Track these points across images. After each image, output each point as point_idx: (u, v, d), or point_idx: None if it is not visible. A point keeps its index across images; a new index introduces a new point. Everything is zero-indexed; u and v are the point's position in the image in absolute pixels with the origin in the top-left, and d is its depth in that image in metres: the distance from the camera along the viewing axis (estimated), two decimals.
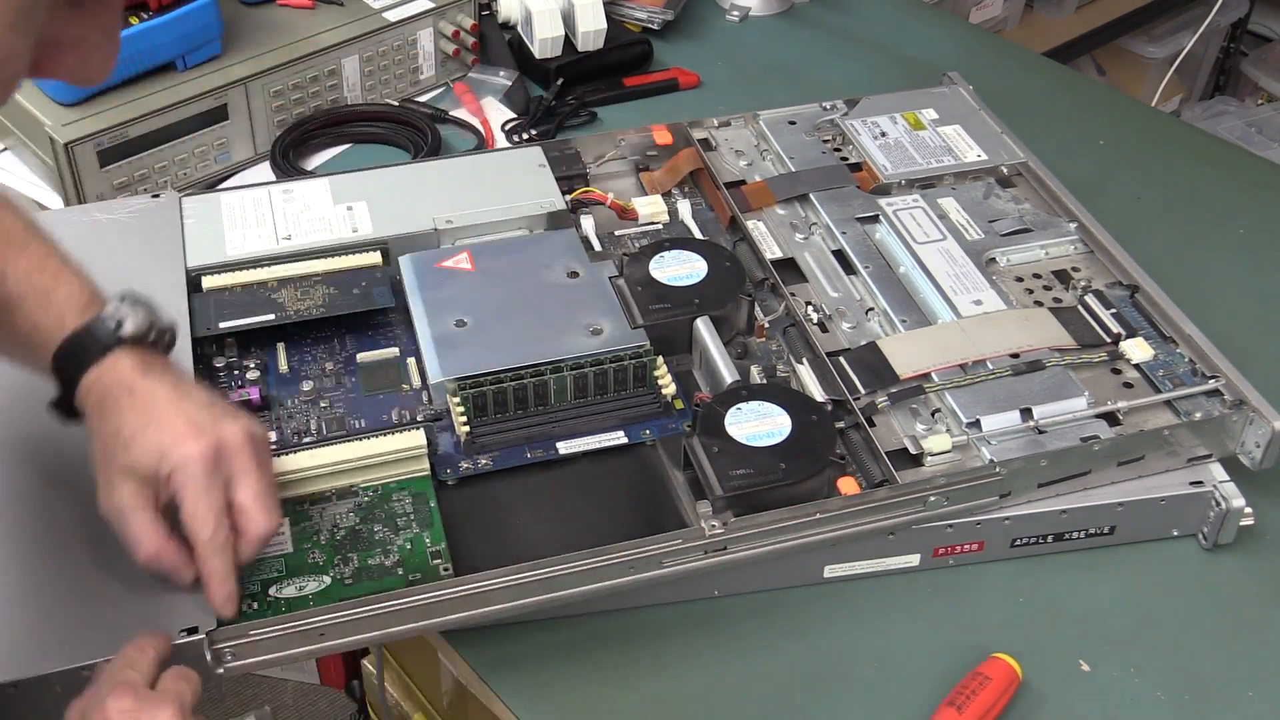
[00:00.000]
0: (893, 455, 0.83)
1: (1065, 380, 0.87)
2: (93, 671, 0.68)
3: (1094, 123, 1.29)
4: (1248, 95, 2.49)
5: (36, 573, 0.73)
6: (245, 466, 0.71)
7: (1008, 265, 0.99)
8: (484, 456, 0.84)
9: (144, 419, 0.70)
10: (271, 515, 0.71)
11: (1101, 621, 0.83)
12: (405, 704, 1.14)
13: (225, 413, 0.72)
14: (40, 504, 0.77)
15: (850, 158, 1.08)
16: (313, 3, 1.21)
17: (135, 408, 0.70)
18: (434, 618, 0.73)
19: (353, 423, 0.86)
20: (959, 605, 0.83)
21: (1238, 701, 0.79)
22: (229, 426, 0.71)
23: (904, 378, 0.87)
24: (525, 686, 0.78)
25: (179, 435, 0.69)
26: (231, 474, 0.71)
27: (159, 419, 0.70)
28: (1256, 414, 0.84)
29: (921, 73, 1.29)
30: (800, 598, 0.83)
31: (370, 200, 1.00)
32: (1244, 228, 1.16)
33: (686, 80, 1.32)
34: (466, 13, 1.26)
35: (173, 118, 1.09)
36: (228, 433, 0.71)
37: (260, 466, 0.72)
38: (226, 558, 0.70)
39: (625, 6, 1.38)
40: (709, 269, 0.94)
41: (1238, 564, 0.86)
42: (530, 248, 0.97)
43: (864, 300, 0.95)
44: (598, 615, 0.81)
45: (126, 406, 0.70)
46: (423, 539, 0.79)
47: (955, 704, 0.75)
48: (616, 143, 1.10)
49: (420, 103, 1.25)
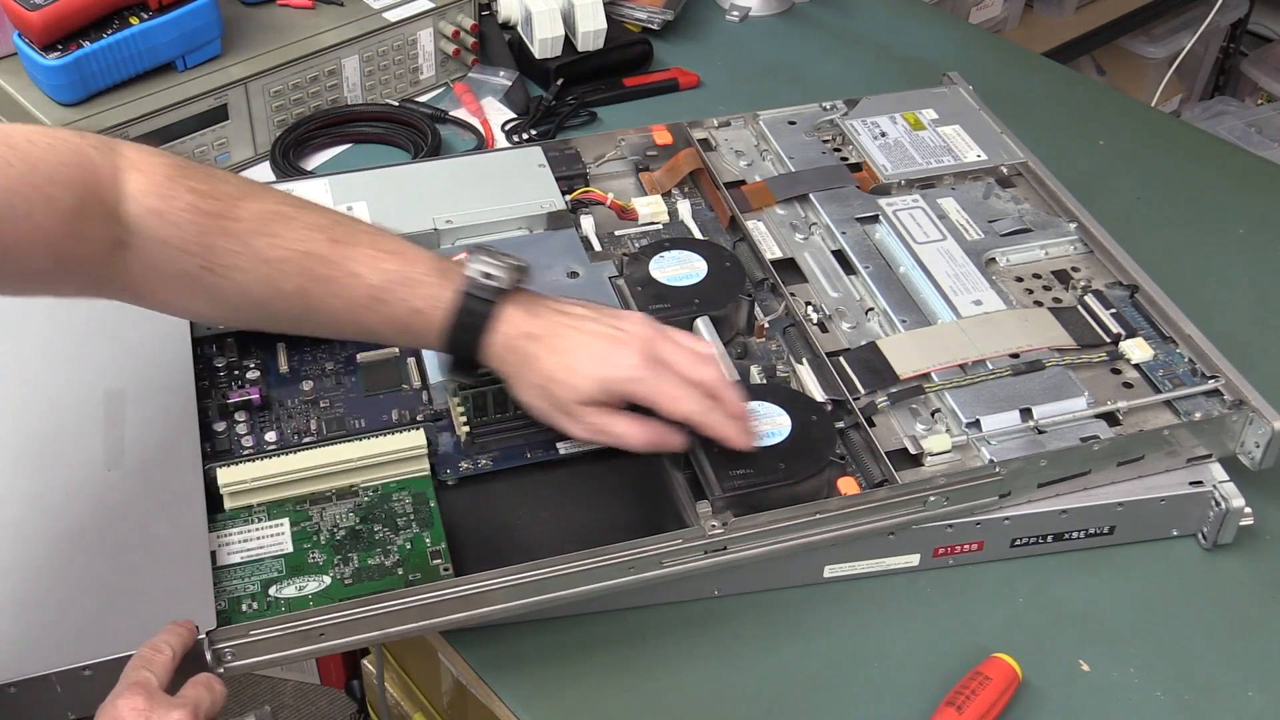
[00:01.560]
0: (893, 455, 0.83)
1: (1065, 380, 0.87)
2: (94, 670, 0.68)
3: (1094, 123, 1.29)
4: (1248, 95, 2.49)
5: (36, 572, 0.73)
6: (669, 348, 0.78)
7: (1008, 265, 0.99)
8: (484, 456, 0.84)
9: (567, 357, 0.76)
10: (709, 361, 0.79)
11: (1101, 621, 0.83)
12: (405, 704, 1.14)
13: (621, 312, 0.81)
14: (40, 503, 0.77)
15: (850, 158, 1.08)
16: (313, 3, 1.21)
17: (552, 348, 0.76)
18: (434, 618, 0.73)
19: (353, 423, 0.86)
20: (959, 605, 0.83)
21: (1238, 701, 0.79)
22: (633, 324, 0.78)
23: (904, 378, 0.87)
24: (525, 686, 0.78)
25: (608, 357, 0.76)
26: (663, 357, 0.77)
27: (580, 351, 0.76)
28: (1256, 414, 0.84)
29: (921, 73, 1.29)
30: (800, 598, 0.83)
31: (370, 200, 1.00)
32: (1244, 228, 1.16)
33: (686, 80, 1.32)
34: (466, 13, 1.26)
35: (173, 118, 1.10)
36: (638, 329, 0.78)
37: (677, 340, 0.79)
38: (718, 411, 0.77)
39: (625, 6, 1.38)
40: (709, 269, 0.94)
41: (1238, 564, 0.86)
42: (530, 248, 0.97)
43: (864, 300, 0.95)
44: (598, 615, 0.81)
45: (543, 352, 0.76)
46: (423, 539, 0.79)
47: (955, 704, 0.75)
48: (616, 143, 1.10)
49: (420, 103, 1.25)
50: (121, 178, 0.71)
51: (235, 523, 0.79)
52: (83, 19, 1.06)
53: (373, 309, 0.76)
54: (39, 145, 0.68)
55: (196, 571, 0.74)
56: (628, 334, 0.78)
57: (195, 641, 0.68)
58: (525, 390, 0.78)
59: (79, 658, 0.68)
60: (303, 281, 0.75)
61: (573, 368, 0.76)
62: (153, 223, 0.71)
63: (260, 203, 0.75)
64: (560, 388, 0.76)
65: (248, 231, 0.74)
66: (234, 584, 0.76)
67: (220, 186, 0.74)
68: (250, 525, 0.79)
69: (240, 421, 0.85)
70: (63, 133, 0.71)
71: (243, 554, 0.77)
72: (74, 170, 0.69)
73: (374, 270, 0.75)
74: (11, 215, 0.66)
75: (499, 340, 0.77)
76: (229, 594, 0.75)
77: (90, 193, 0.69)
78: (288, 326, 0.85)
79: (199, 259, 0.73)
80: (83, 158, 0.70)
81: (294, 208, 0.76)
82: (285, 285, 0.75)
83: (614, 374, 0.76)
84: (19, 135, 0.68)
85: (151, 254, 0.72)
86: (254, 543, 0.78)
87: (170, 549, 0.75)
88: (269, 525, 0.79)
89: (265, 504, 0.81)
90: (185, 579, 0.73)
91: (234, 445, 0.84)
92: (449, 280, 0.77)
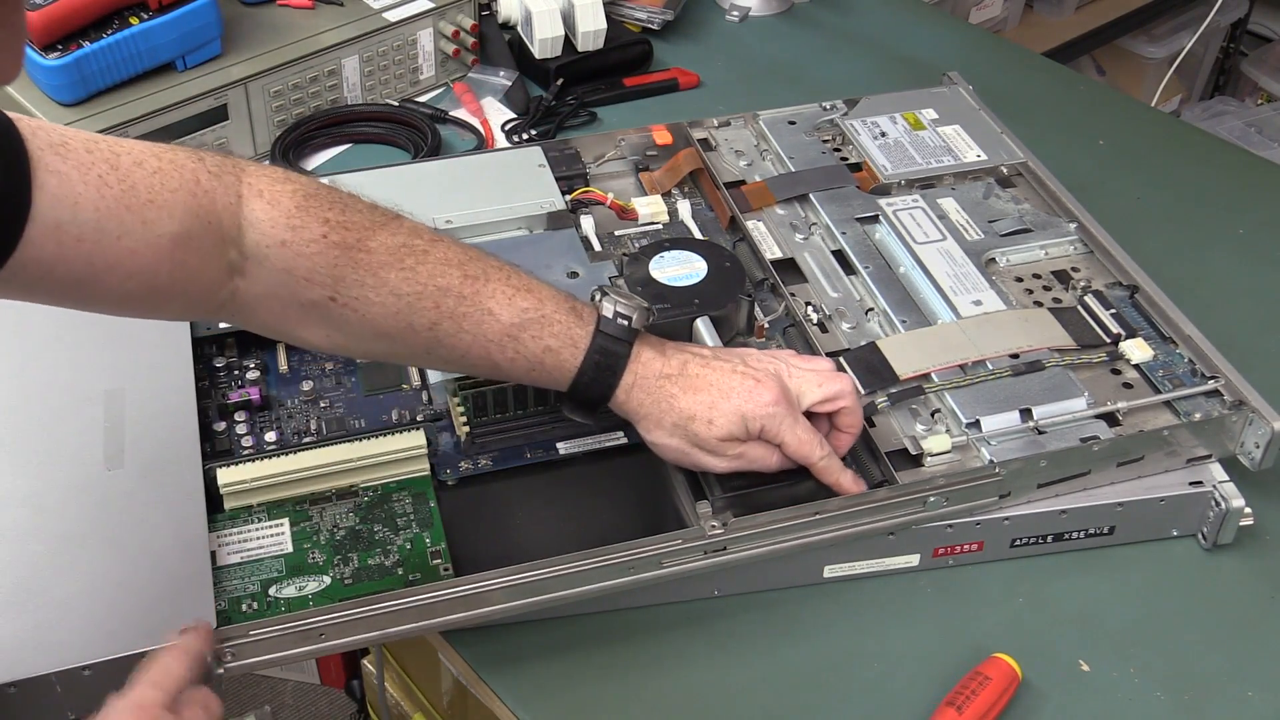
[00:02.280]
0: (893, 455, 0.83)
1: (1065, 380, 0.87)
2: (93, 671, 0.68)
3: (1094, 123, 1.29)
4: (1247, 95, 2.49)
5: (36, 572, 0.73)
6: (796, 376, 0.80)
7: (1007, 265, 0.99)
8: (484, 456, 0.84)
9: (706, 395, 0.78)
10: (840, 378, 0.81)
11: (1101, 621, 0.83)
12: (405, 704, 1.14)
13: (741, 350, 0.82)
14: (40, 503, 0.77)
15: (850, 158, 1.08)
16: (313, 3, 1.21)
17: (690, 388, 0.78)
18: (434, 618, 0.73)
19: (353, 423, 0.86)
20: (959, 605, 0.83)
21: (1238, 701, 0.79)
22: (759, 361, 0.80)
23: (904, 378, 0.87)
24: (525, 686, 0.78)
25: (746, 394, 0.78)
26: (793, 391, 0.80)
27: (719, 389, 0.78)
28: (1256, 414, 0.84)
29: (921, 73, 1.29)
30: (800, 598, 0.83)
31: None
32: (1244, 228, 1.16)
33: (686, 80, 1.32)
34: (466, 13, 1.26)
35: (173, 118, 1.10)
36: (765, 365, 0.80)
37: (802, 367, 0.81)
38: (836, 459, 0.80)
39: (625, 6, 1.38)
40: (709, 269, 0.94)
41: (1237, 564, 0.86)
42: (530, 248, 0.97)
43: (864, 300, 0.95)
44: (598, 615, 0.81)
45: (679, 391, 0.78)
46: (422, 539, 0.79)
47: (955, 704, 0.75)
48: (616, 143, 1.10)
49: (420, 103, 1.25)
50: (245, 206, 0.70)
51: (235, 523, 0.79)
52: (82, 19, 1.06)
53: (505, 346, 0.76)
54: (146, 168, 0.66)
55: (197, 572, 0.74)
56: (761, 370, 0.79)
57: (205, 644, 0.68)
58: (661, 430, 0.79)
59: (79, 658, 0.68)
60: (435, 316, 0.74)
61: (715, 405, 0.77)
62: (278, 252, 0.70)
63: (392, 235, 0.74)
64: (701, 425, 0.77)
65: (380, 264, 0.73)
66: (234, 584, 0.76)
67: (354, 217, 0.73)
68: (250, 525, 0.79)
69: (240, 421, 0.85)
70: (181, 155, 0.69)
71: (243, 554, 0.78)
72: (183, 195, 0.67)
73: (508, 307, 0.75)
74: (101, 236, 0.64)
75: (632, 381, 0.78)
76: (229, 594, 0.75)
77: (199, 220, 0.68)
78: (409, 360, 0.85)
79: (327, 290, 0.72)
80: (196, 185, 0.68)
81: (426, 241, 0.75)
82: (416, 320, 0.74)
83: (755, 411, 0.77)
84: (129, 155, 0.66)
85: (272, 282, 0.71)
86: (254, 543, 0.78)
87: (170, 549, 0.75)
88: (269, 525, 0.79)
89: (265, 504, 0.81)
90: (185, 579, 0.73)
91: (234, 445, 0.84)
92: (584, 320, 0.77)
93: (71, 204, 0.63)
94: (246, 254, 0.70)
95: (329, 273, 0.71)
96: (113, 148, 0.66)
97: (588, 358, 0.76)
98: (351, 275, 0.72)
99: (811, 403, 0.80)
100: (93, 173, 0.64)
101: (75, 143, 0.64)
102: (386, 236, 0.73)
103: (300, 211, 0.71)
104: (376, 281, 0.72)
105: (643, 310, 0.78)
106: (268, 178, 0.71)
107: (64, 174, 0.63)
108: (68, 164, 0.63)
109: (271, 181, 0.71)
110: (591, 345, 0.77)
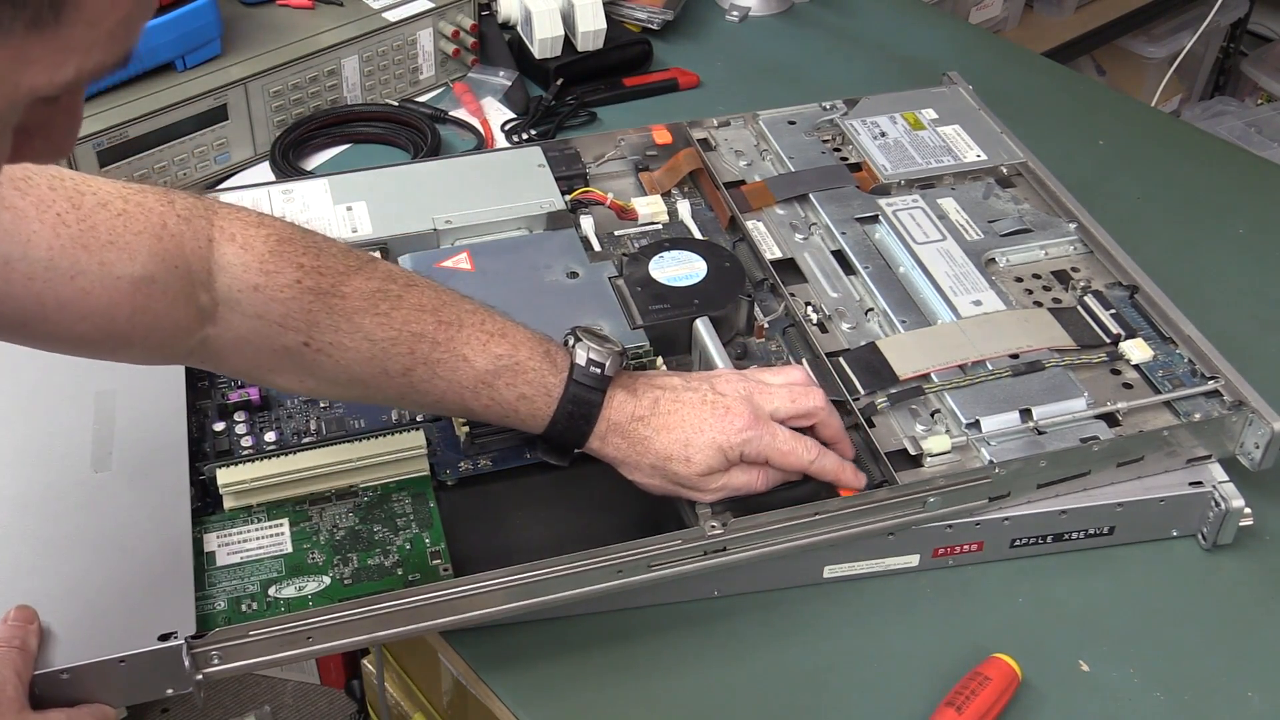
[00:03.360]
0: (892, 456, 0.83)
1: (1065, 381, 0.87)
2: (71, 674, 0.67)
3: (1094, 123, 1.29)
4: (1247, 95, 2.49)
5: (16, 575, 0.73)
6: (768, 397, 0.80)
7: (1007, 266, 0.99)
8: (484, 457, 0.84)
9: (680, 433, 0.77)
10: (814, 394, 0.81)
11: (1101, 621, 0.83)
12: (405, 704, 1.14)
13: (710, 376, 0.81)
14: (24, 505, 0.77)
15: (850, 158, 1.08)
16: (313, 3, 1.21)
17: (663, 427, 0.77)
18: (433, 618, 0.73)
19: (353, 423, 0.86)
20: (959, 605, 0.83)
21: (1238, 701, 0.78)
22: (728, 384, 0.80)
23: (903, 378, 0.87)
24: (525, 686, 0.78)
25: (718, 425, 0.77)
26: (767, 410, 0.79)
27: (689, 425, 0.77)
28: (1256, 415, 0.84)
29: (921, 73, 1.29)
30: (800, 598, 0.83)
31: (370, 200, 1.00)
32: (1244, 228, 1.16)
33: (686, 80, 1.32)
34: (466, 13, 1.26)
35: (172, 118, 1.10)
36: (734, 388, 0.79)
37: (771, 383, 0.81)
38: (830, 455, 0.80)
39: (625, 6, 1.38)
40: (708, 269, 0.94)
41: (1237, 564, 0.86)
42: (530, 248, 0.97)
43: (863, 300, 0.95)
44: (597, 615, 0.81)
45: (652, 433, 0.77)
46: (422, 539, 0.79)
47: (955, 704, 0.75)
48: (616, 143, 1.10)
49: (420, 103, 1.25)
50: (216, 250, 0.69)
51: (235, 523, 0.79)
52: None
53: (480, 393, 0.76)
54: (111, 209, 0.66)
55: (178, 577, 0.73)
56: (729, 397, 0.78)
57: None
58: (640, 472, 0.79)
59: (56, 661, 0.67)
60: (409, 362, 0.74)
61: (688, 442, 0.77)
62: (251, 297, 0.70)
63: (367, 279, 0.73)
64: (679, 464, 0.77)
65: (355, 309, 0.72)
66: (234, 584, 0.76)
67: (328, 261, 0.72)
68: (250, 525, 0.79)
69: (240, 421, 0.85)
70: (150, 198, 0.68)
71: (242, 554, 0.77)
72: (147, 239, 0.66)
73: (482, 354, 0.75)
74: (51, 275, 0.63)
75: (605, 428, 0.77)
76: (228, 594, 0.75)
77: (165, 264, 0.67)
78: (384, 403, 0.85)
79: (301, 335, 0.71)
80: (162, 229, 0.67)
81: (400, 285, 0.75)
82: (391, 365, 0.74)
83: (730, 440, 0.77)
84: (94, 195, 0.66)
85: (245, 328, 0.70)
86: (254, 543, 0.78)
87: (153, 553, 0.74)
88: (269, 525, 0.79)
89: (265, 504, 0.80)
90: (167, 583, 0.72)
91: (234, 445, 0.84)
92: (558, 368, 0.77)
93: (24, 241, 0.62)
94: (218, 299, 0.69)
95: (303, 318, 0.71)
96: (78, 186, 0.66)
97: (560, 406, 0.76)
98: (326, 320, 0.71)
99: (784, 419, 0.80)
100: (51, 210, 0.63)
101: (39, 178, 0.64)
102: (361, 281, 0.73)
103: (274, 256, 0.70)
104: (351, 327, 0.72)
105: (616, 356, 0.78)
106: (240, 221, 0.71)
107: (20, 210, 0.63)
108: (26, 200, 0.63)
109: (244, 225, 0.71)
110: (565, 394, 0.76)
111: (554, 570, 0.74)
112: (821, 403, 0.81)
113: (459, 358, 0.75)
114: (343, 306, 0.72)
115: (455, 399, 0.76)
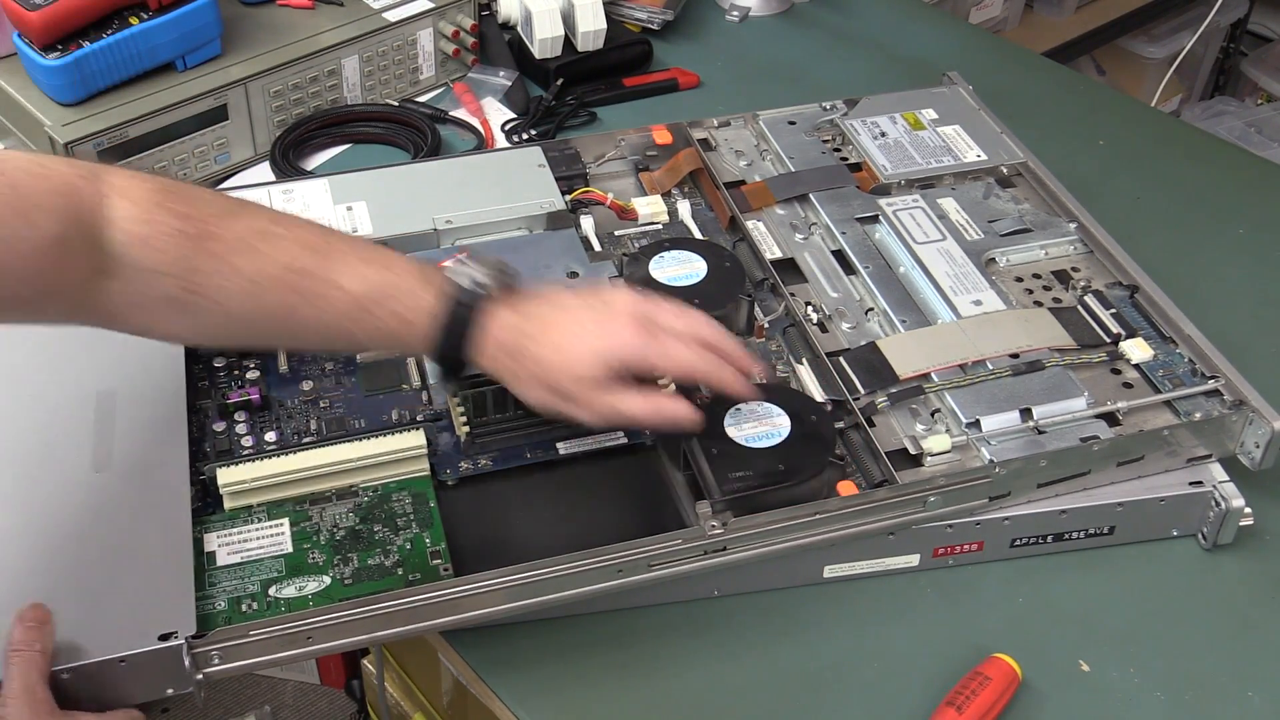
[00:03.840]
0: (892, 455, 0.83)
1: (1065, 380, 0.87)
2: (71, 674, 0.67)
3: (1094, 123, 1.29)
4: (1247, 95, 2.49)
5: (16, 576, 0.73)
6: (659, 313, 0.78)
7: (1007, 265, 0.99)
8: (484, 457, 0.84)
9: (560, 343, 0.75)
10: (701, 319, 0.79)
11: (1101, 621, 0.83)
12: (405, 704, 1.14)
13: (597, 288, 0.80)
14: (24, 505, 0.77)
15: (850, 158, 1.08)
16: (313, 3, 1.21)
17: (544, 341, 0.76)
18: (433, 618, 0.73)
19: (353, 423, 0.86)
20: (959, 605, 0.83)
21: (1238, 701, 0.79)
22: (617, 296, 0.78)
23: (904, 378, 0.87)
24: (525, 686, 0.78)
25: (601, 331, 0.76)
26: (656, 321, 0.77)
27: (571, 331, 0.76)
28: (1256, 414, 0.84)
29: (921, 73, 1.29)
30: (800, 598, 0.83)
31: (370, 200, 1.00)
32: (1244, 228, 1.16)
33: (686, 80, 1.32)
34: (466, 13, 1.26)
35: (172, 118, 1.09)
36: (624, 301, 0.78)
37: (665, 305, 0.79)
38: (718, 360, 0.78)
39: (625, 6, 1.38)
40: (709, 269, 0.94)
41: (1237, 564, 0.86)
42: (530, 248, 0.97)
43: (864, 300, 0.95)
44: (598, 615, 0.81)
45: (534, 345, 0.76)
46: (422, 539, 0.79)
47: (955, 704, 0.75)
48: (616, 143, 1.10)
49: (420, 103, 1.25)
50: (106, 204, 0.70)
51: (235, 523, 0.79)
52: (82, 19, 1.06)
53: (359, 320, 0.75)
54: (30, 173, 0.68)
55: (178, 577, 0.73)
56: (616, 307, 0.77)
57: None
58: (525, 385, 0.77)
59: (57, 661, 0.67)
60: (287, 296, 0.74)
61: (567, 348, 0.75)
62: (136, 249, 0.71)
63: (246, 221, 0.74)
64: (557, 371, 0.75)
65: (230, 250, 0.73)
66: (234, 584, 0.76)
67: (203, 208, 0.73)
68: (250, 525, 0.79)
69: (240, 421, 0.85)
70: (54, 162, 0.71)
71: (243, 554, 0.77)
72: (60, 198, 0.68)
73: (357, 280, 0.75)
74: None
75: (490, 342, 0.76)
76: (228, 594, 0.75)
77: (73, 221, 0.69)
78: (275, 344, 0.86)
79: (181, 281, 0.72)
80: (69, 186, 0.69)
81: (283, 226, 0.75)
82: (269, 301, 0.74)
83: (608, 344, 0.75)
84: (13, 163, 0.68)
85: (134, 280, 0.71)
86: (254, 543, 0.78)
87: (153, 553, 0.74)
88: (269, 525, 0.79)
89: (265, 504, 0.80)
90: (167, 584, 0.72)
91: (234, 445, 0.84)
92: (433, 286, 0.76)
93: None
94: (111, 254, 0.71)
95: (183, 264, 0.72)
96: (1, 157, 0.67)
97: (438, 324, 0.75)
98: (206, 264, 0.72)
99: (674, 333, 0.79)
100: None
101: None
102: (239, 223, 0.74)
103: (154, 207, 0.71)
104: (229, 269, 0.72)
105: (498, 272, 0.77)
106: (128, 177, 0.72)
107: None
108: None
109: (131, 180, 0.72)
110: (445, 312, 0.75)
111: (554, 570, 0.74)
112: (715, 329, 0.79)
113: (334, 286, 0.74)
114: (219, 249, 0.72)
115: (338, 330, 0.76)
